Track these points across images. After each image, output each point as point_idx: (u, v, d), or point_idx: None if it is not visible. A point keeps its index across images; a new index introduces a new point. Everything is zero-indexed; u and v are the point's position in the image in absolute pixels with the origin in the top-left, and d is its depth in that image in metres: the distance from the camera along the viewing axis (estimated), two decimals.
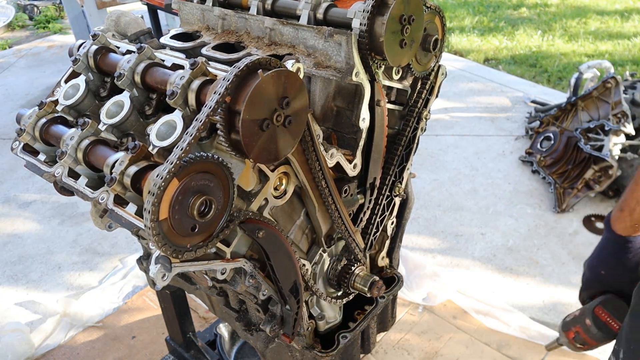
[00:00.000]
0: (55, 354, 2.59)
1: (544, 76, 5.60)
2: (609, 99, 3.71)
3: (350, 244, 1.28)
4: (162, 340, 2.42)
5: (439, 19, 1.26)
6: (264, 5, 1.26)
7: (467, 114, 4.76)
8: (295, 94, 0.92)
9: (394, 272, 1.54)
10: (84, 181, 1.02)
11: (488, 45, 6.45)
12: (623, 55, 6.00)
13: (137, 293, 2.90)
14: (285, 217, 1.17)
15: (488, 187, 3.76)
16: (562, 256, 3.14)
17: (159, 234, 0.82)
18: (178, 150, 0.83)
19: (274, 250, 1.06)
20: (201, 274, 1.24)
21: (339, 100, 1.23)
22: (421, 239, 3.31)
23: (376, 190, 1.33)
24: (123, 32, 1.34)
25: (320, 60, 1.14)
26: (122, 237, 3.31)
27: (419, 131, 1.36)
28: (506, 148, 4.21)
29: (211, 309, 1.60)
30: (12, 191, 3.89)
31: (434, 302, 2.78)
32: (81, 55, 1.14)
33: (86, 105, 1.15)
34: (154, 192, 0.79)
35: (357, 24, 1.07)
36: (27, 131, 1.11)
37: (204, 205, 0.86)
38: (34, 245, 3.34)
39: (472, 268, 3.07)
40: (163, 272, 0.91)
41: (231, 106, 0.86)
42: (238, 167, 0.98)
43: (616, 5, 7.71)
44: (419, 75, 1.29)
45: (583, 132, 3.66)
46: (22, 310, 2.85)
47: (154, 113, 1.10)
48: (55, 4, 8.04)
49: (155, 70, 1.06)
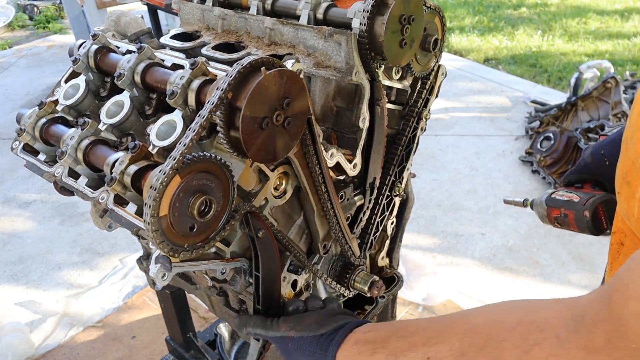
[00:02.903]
0: (55, 354, 2.59)
1: (544, 76, 5.60)
2: (609, 99, 3.71)
3: (347, 251, 1.28)
4: (162, 340, 2.42)
5: (438, 18, 1.26)
6: (263, 5, 1.26)
7: (467, 113, 4.76)
8: (296, 95, 0.92)
9: (394, 272, 1.54)
10: (84, 181, 1.02)
11: (488, 45, 6.45)
12: (623, 55, 6.01)
13: (137, 293, 2.91)
14: (285, 217, 1.17)
15: (488, 187, 3.76)
16: (562, 256, 3.14)
17: (158, 230, 0.82)
18: (181, 146, 0.83)
19: (265, 256, 1.05)
20: (201, 274, 1.24)
21: (338, 100, 1.23)
22: (421, 238, 3.31)
23: (376, 190, 1.33)
24: (123, 32, 1.34)
25: (320, 60, 1.14)
26: (122, 237, 3.31)
27: (419, 131, 1.36)
28: (506, 148, 4.21)
29: (211, 309, 1.60)
30: (12, 191, 3.89)
31: (434, 302, 2.78)
32: (81, 55, 1.14)
33: (86, 105, 1.15)
34: (156, 186, 0.79)
35: (357, 24, 1.07)
36: (27, 131, 1.11)
37: (204, 205, 0.87)
38: (34, 245, 3.34)
39: (472, 268, 3.07)
40: (163, 272, 0.91)
41: (232, 102, 0.86)
42: (238, 167, 0.98)
43: (616, 5, 7.71)
44: (418, 75, 1.29)
45: (583, 132, 3.67)
46: (22, 310, 2.85)
47: (154, 113, 1.10)
48: (55, 4, 8.05)
49: (155, 70, 1.06)
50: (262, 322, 1.06)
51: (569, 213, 1.36)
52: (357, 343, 0.94)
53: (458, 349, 0.78)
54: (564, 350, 0.66)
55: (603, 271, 3.02)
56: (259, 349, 1.16)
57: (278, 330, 1.03)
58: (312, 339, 0.99)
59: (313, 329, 1.00)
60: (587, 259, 3.12)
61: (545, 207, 1.43)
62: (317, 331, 0.99)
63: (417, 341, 0.85)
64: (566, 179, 1.45)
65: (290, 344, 1.01)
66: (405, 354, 0.85)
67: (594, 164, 1.35)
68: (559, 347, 0.67)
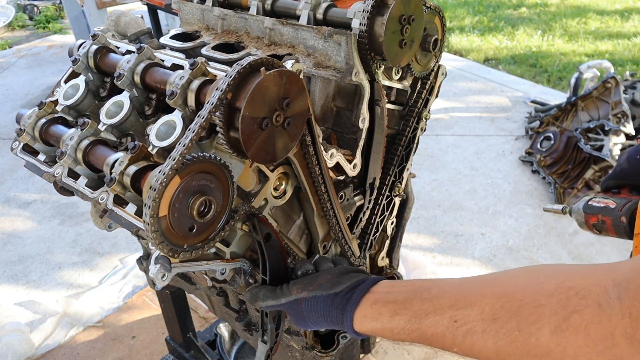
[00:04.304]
0: (55, 354, 2.59)
1: (544, 76, 5.60)
2: (609, 99, 3.71)
3: (347, 251, 1.28)
4: (162, 340, 2.42)
5: (438, 19, 1.26)
6: (263, 6, 1.26)
7: (467, 113, 4.76)
8: (296, 95, 0.92)
9: (393, 272, 1.54)
10: (84, 181, 1.02)
11: (488, 45, 6.45)
12: (623, 55, 6.01)
13: (137, 293, 2.91)
14: (285, 217, 1.17)
15: (488, 187, 3.76)
16: (562, 256, 3.14)
17: (157, 230, 0.82)
18: (180, 146, 0.83)
19: (272, 260, 1.04)
20: (201, 274, 1.24)
21: (338, 100, 1.23)
22: (421, 238, 3.31)
23: (376, 190, 1.33)
24: (123, 32, 1.34)
25: (320, 60, 1.14)
26: (122, 237, 3.31)
27: (419, 131, 1.36)
28: (506, 148, 4.21)
29: (211, 309, 1.60)
30: (12, 191, 3.89)
31: None
32: (81, 55, 1.14)
33: (86, 105, 1.15)
34: (156, 187, 0.79)
35: (356, 24, 1.07)
36: (27, 131, 1.11)
37: (203, 206, 0.87)
38: (34, 245, 3.34)
39: (472, 268, 3.07)
40: (163, 272, 0.91)
41: (232, 103, 0.86)
42: (237, 167, 0.98)
43: (616, 5, 7.71)
44: (418, 75, 1.29)
45: (583, 132, 3.67)
46: (22, 310, 2.85)
47: (153, 113, 1.10)
48: (55, 4, 8.04)
49: (155, 70, 1.06)
50: (271, 292, 1.01)
51: (606, 219, 1.36)
52: (376, 303, 0.90)
53: (489, 313, 0.74)
54: (605, 317, 0.64)
55: None
56: (266, 352, 1.13)
57: (290, 294, 0.98)
58: (326, 298, 0.95)
59: (326, 288, 0.96)
60: (587, 259, 3.12)
61: (583, 214, 1.43)
62: (330, 290, 0.95)
63: (442, 303, 0.81)
64: (604, 184, 1.45)
65: (304, 306, 0.97)
66: (429, 317, 0.81)
67: (630, 169, 1.35)
68: (600, 314, 0.65)
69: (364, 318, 0.91)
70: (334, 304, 0.94)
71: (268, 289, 1.02)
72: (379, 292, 0.92)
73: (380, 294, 0.92)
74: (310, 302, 0.96)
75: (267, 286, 1.04)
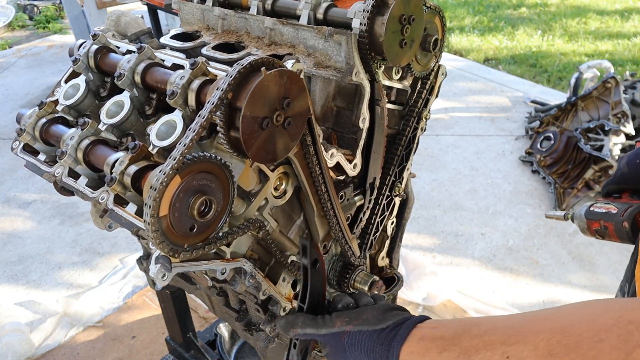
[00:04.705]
0: (55, 354, 2.59)
1: (544, 76, 5.60)
2: (609, 99, 3.71)
3: (347, 251, 1.28)
4: (162, 340, 2.42)
5: (439, 18, 1.26)
6: (264, 5, 1.26)
7: (467, 113, 4.76)
8: (296, 95, 0.92)
9: (394, 272, 1.54)
10: (84, 181, 1.02)
11: (488, 45, 6.45)
12: (623, 55, 6.01)
13: (137, 293, 2.91)
14: (285, 217, 1.17)
15: (488, 187, 3.76)
16: (562, 256, 3.14)
17: (158, 230, 0.82)
18: (181, 146, 0.83)
19: (314, 286, 1.02)
20: (201, 274, 1.24)
21: (339, 100, 1.23)
22: (421, 238, 3.31)
23: (376, 190, 1.33)
24: (123, 32, 1.34)
25: (320, 60, 1.14)
26: (122, 237, 3.31)
27: (419, 131, 1.36)
28: (506, 148, 4.21)
29: (211, 309, 1.60)
30: (12, 191, 3.89)
31: (434, 302, 2.78)
32: (81, 55, 1.14)
33: (86, 105, 1.15)
34: (156, 187, 0.79)
35: (357, 24, 1.07)
36: (27, 131, 1.11)
37: (204, 205, 0.87)
38: (34, 245, 3.34)
39: (472, 268, 3.07)
40: (163, 272, 0.91)
41: (232, 102, 0.86)
42: (238, 167, 0.98)
43: (616, 5, 7.71)
44: (419, 75, 1.29)
45: (583, 132, 3.67)
46: (22, 310, 2.86)
47: (154, 113, 1.10)
48: (55, 4, 8.05)
49: (156, 70, 1.06)
50: (312, 320, 0.99)
51: (608, 225, 1.36)
52: (424, 339, 0.88)
53: (544, 349, 0.71)
54: None
55: (603, 271, 3.03)
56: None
57: (332, 326, 0.96)
58: (371, 333, 0.93)
59: (372, 323, 0.94)
60: (587, 259, 3.12)
61: (585, 220, 1.44)
62: (376, 325, 0.94)
63: (494, 339, 0.78)
64: (604, 189, 1.45)
65: (347, 340, 0.95)
66: (479, 353, 0.78)
67: (630, 173, 1.35)
68: None
69: (411, 354, 0.89)
70: (379, 339, 0.93)
71: (308, 317, 1.00)
72: (425, 328, 0.91)
73: (427, 330, 0.90)
74: (355, 337, 0.95)
75: (305, 314, 1.01)
